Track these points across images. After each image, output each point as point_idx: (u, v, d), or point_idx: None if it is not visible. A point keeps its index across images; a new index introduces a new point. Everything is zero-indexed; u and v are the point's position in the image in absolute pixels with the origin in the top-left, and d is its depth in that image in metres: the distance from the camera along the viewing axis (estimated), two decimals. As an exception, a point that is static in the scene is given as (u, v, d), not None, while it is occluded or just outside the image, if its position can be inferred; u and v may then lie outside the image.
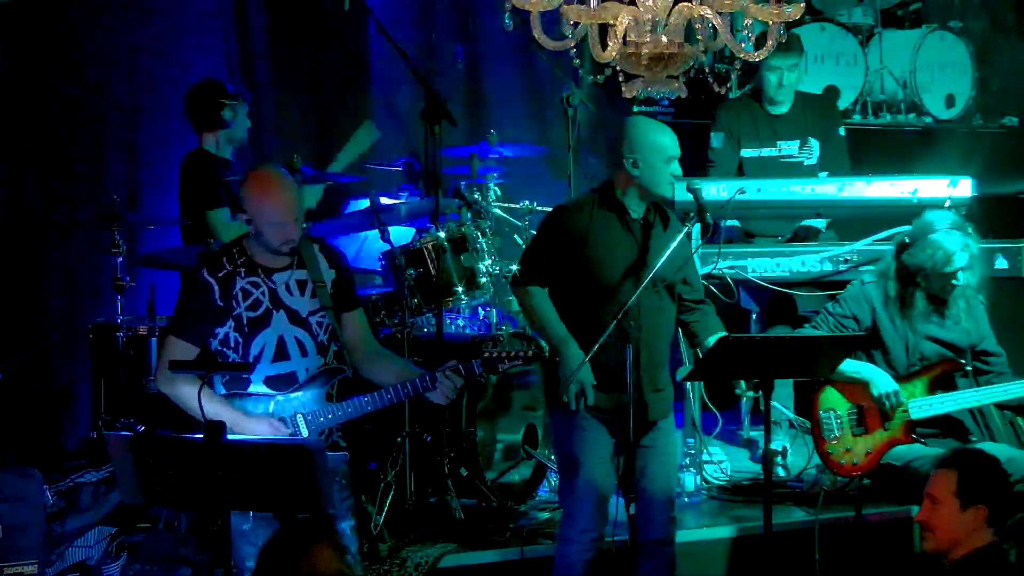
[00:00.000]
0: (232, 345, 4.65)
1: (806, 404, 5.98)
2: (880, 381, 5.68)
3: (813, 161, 6.95)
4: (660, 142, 5.02)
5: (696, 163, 7.00)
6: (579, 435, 4.97)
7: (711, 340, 5.09)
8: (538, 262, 5.06)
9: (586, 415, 4.94)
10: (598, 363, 4.83)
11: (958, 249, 5.59)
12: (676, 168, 5.03)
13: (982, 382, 5.80)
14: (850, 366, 5.63)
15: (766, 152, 6.95)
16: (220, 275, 4.66)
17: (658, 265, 4.85)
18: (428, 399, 4.70)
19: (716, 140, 6.98)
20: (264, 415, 4.60)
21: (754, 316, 6.78)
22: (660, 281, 4.93)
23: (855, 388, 5.75)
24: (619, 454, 4.97)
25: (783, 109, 6.95)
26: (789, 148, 6.95)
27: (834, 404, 5.76)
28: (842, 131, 7.11)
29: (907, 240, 5.73)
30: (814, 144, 6.94)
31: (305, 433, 4.61)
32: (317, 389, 4.68)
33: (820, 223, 6.85)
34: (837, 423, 5.74)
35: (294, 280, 4.73)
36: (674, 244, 4.91)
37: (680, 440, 6.08)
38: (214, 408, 4.47)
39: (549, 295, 5.03)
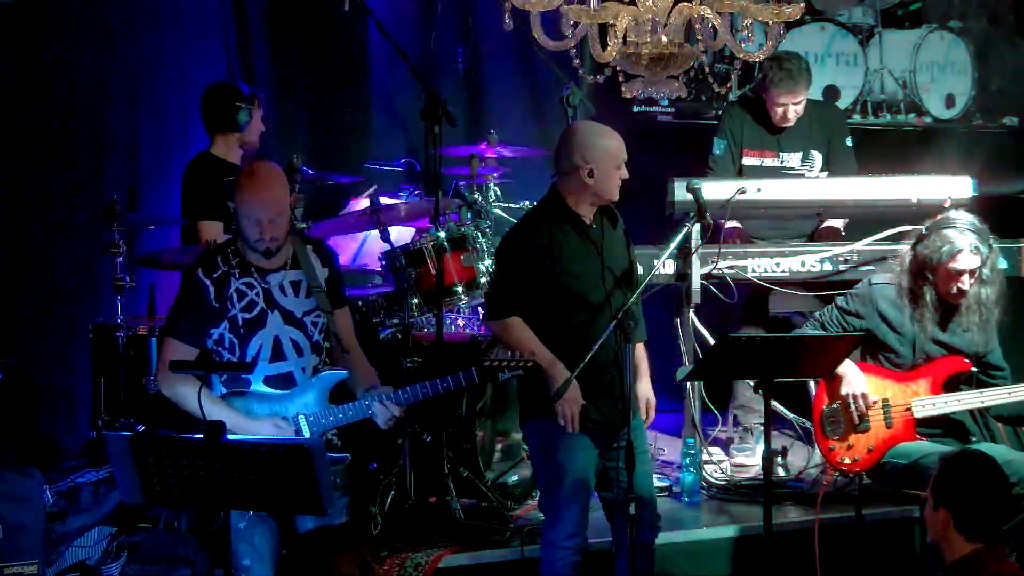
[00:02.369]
0: (227, 346, 4.65)
1: (805, 401, 5.96)
2: (853, 379, 5.65)
3: (815, 173, 6.92)
4: (613, 147, 4.94)
5: (696, 163, 7.00)
6: (564, 442, 4.93)
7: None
8: (507, 291, 4.99)
9: None
10: (584, 371, 4.77)
11: (965, 247, 5.53)
12: (624, 171, 4.95)
13: None
14: None
15: (768, 162, 6.93)
16: (215, 276, 4.65)
17: (657, 265, 4.84)
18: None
19: (718, 147, 6.93)
20: (267, 416, 4.61)
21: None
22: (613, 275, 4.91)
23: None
24: (601, 458, 4.99)
25: (788, 124, 6.92)
26: (792, 159, 6.92)
27: (838, 399, 5.73)
28: (849, 142, 7.01)
29: (924, 231, 5.71)
30: (816, 156, 6.91)
31: (307, 434, 4.61)
32: (319, 390, 4.68)
33: (837, 223, 6.84)
34: (843, 418, 5.71)
35: (288, 281, 4.72)
36: (673, 245, 4.90)
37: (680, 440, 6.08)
38: (216, 409, 4.47)
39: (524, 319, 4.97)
